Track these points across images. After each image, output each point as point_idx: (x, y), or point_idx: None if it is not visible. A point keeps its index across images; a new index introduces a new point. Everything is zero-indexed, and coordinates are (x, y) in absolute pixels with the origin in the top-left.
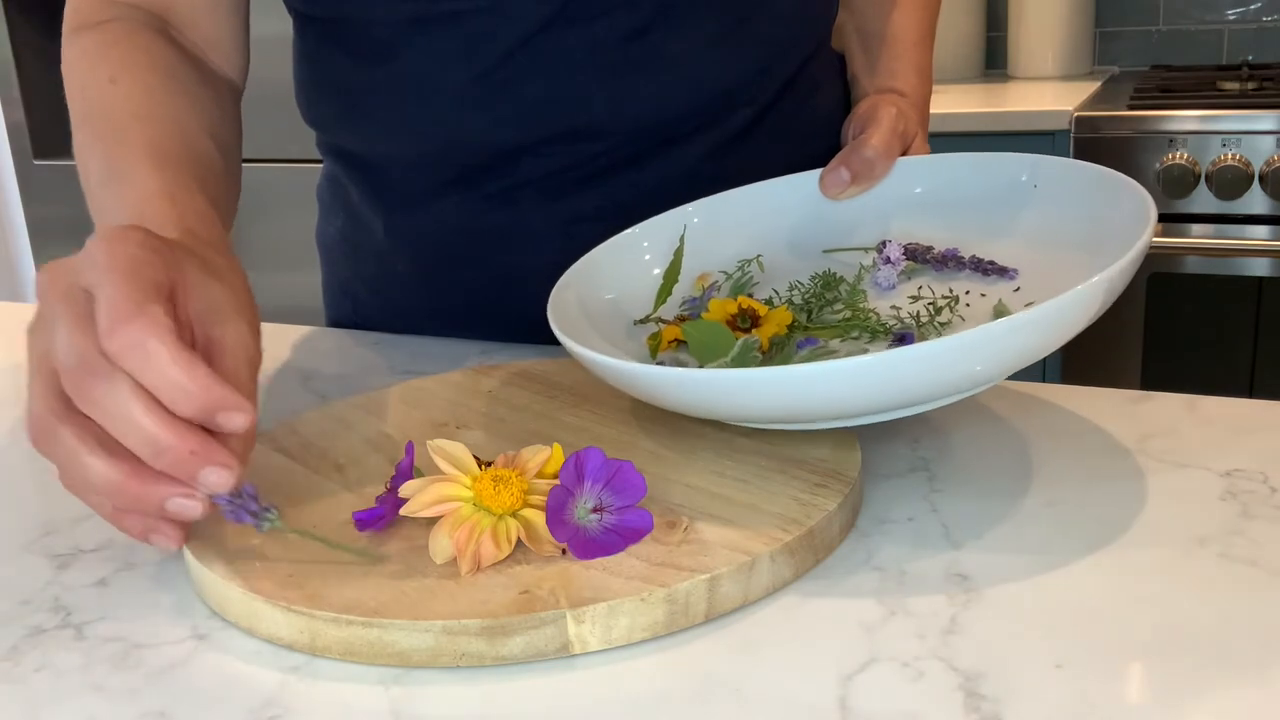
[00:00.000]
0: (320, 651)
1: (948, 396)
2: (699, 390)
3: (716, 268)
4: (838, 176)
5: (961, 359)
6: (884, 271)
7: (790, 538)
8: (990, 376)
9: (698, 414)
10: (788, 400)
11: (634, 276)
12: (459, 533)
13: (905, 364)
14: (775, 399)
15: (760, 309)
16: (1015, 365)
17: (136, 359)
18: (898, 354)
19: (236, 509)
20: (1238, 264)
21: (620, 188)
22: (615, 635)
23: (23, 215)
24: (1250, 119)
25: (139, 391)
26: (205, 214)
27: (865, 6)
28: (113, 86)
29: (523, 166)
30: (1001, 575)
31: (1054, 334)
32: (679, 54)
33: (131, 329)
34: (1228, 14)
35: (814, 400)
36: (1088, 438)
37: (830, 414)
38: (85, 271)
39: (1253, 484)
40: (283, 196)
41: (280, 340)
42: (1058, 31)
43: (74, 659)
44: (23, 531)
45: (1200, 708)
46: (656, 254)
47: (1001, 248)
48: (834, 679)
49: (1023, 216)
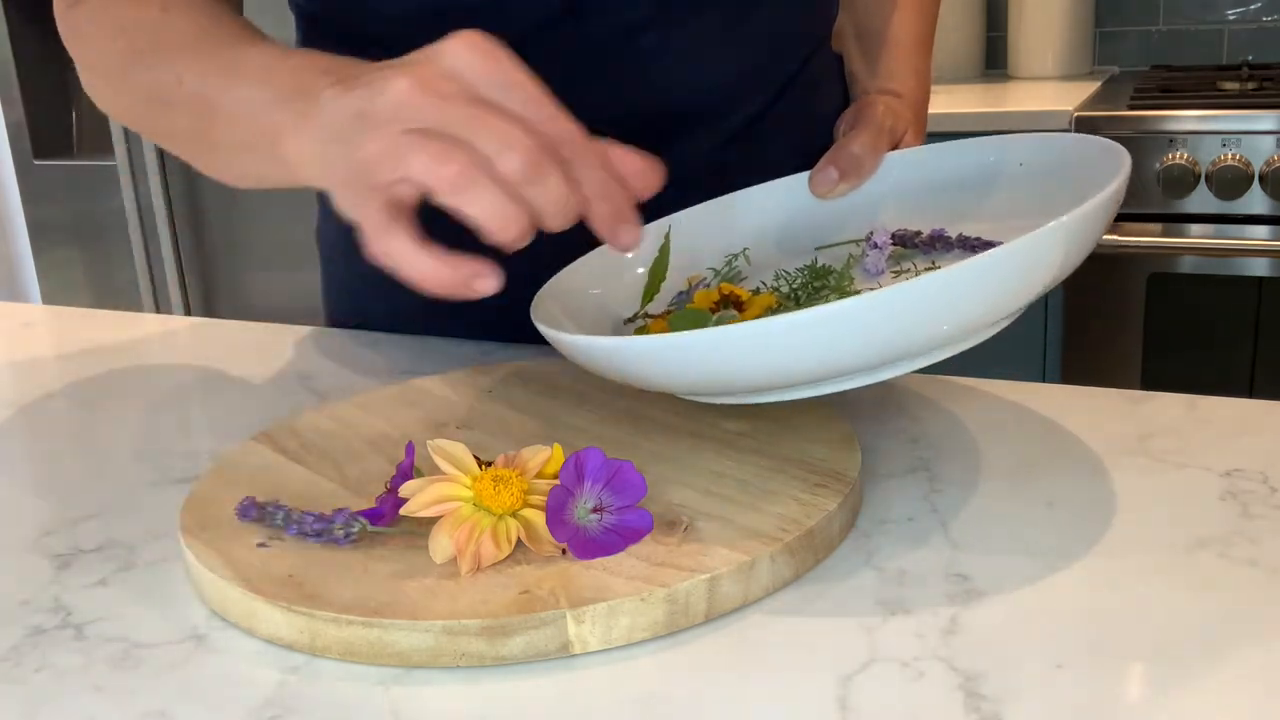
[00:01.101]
0: (320, 651)
1: (929, 351)
2: (667, 355)
3: (705, 270)
4: (826, 175)
5: (929, 301)
6: (871, 257)
7: (790, 538)
8: (961, 327)
9: (672, 384)
10: (755, 360)
11: (620, 278)
12: (459, 533)
13: (882, 306)
14: (744, 357)
15: (743, 294)
16: (985, 314)
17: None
18: (869, 297)
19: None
20: (1237, 264)
21: None
22: (615, 635)
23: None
24: (1250, 119)
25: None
26: None
27: (864, 8)
28: (167, 14)
29: None
30: (1001, 575)
31: (1028, 274)
32: (679, 52)
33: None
34: (1228, 14)
35: (772, 359)
36: (1088, 438)
37: (791, 375)
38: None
39: (1253, 484)
40: (283, 196)
41: (280, 340)
42: (1058, 31)
43: (74, 659)
44: (23, 531)
45: (1200, 708)
46: (643, 258)
47: (990, 228)
48: (834, 679)
49: (1009, 196)
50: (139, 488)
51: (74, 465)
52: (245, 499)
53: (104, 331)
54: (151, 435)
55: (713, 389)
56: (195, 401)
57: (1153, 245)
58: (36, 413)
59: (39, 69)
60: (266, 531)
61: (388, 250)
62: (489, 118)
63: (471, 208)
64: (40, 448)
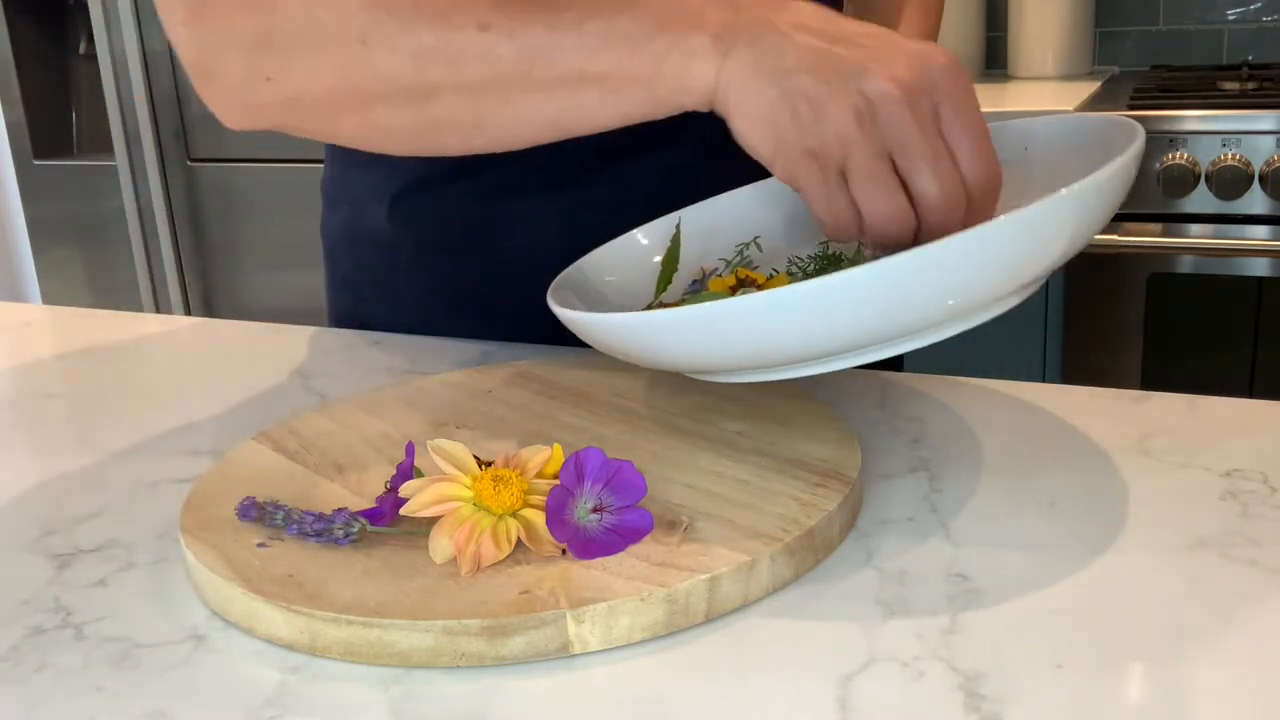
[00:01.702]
0: (320, 651)
1: (943, 324)
2: (687, 326)
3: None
4: None
5: (949, 263)
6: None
7: (790, 538)
8: (971, 299)
9: (690, 362)
10: (780, 330)
11: (635, 268)
12: (459, 533)
13: (899, 271)
14: (772, 325)
15: (759, 278)
16: (1002, 282)
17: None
18: (887, 262)
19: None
20: (1237, 264)
21: (622, 176)
22: (615, 635)
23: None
24: (1250, 119)
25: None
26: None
27: (871, 12)
28: (484, 33)
29: (526, 154)
30: (1001, 575)
31: (1049, 237)
32: None
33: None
34: (1228, 14)
35: (796, 328)
36: (1088, 438)
37: (818, 347)
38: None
39: (1253, 484)
40: (283, 196)
41: (280, 340)
42: (1058, 31)
43: (74, 659)
44: (23, 531)
45: (1200, 708)
46: (656, 246)
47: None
48: (834, 679)
49: (1023, 178)
50: (139, 488)
51: (74, 465)
52: (245, 499)
53: (104, 331)
54: (151, 435)
55: (729, 364)
56: (195, 401)
57: (1153, 245)
58: (36, 413)
59: (39, 69)
60: (266, 531)
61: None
62: (942, 157)
63: (868, 205)
64: (40, 448)
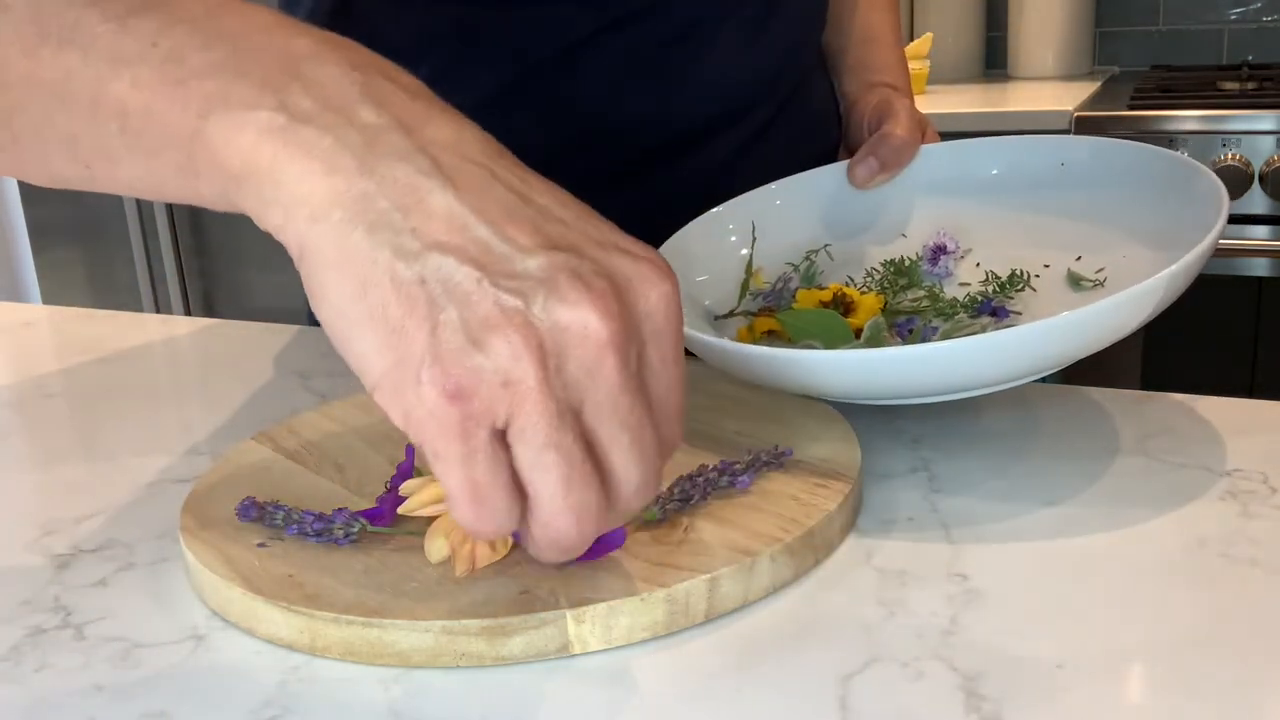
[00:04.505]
0: (320, 651)
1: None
2: (883, 369)
3: (767, 256)
4: (868, 166)
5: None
6: (942, 262)
7: (790, 538)
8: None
9: (846, 393)
10: (958, 371)
11: (722, 258)
12: (455, 533)
13: (1062, 329)
14: (947, 371)
15: (854, 295)
16: (1090, 346)
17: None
18: (1058, 320)
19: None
20: (1238, 264)
21: (649, 187)
22: (615, 635)
23: (23, 215)
24: (1250, 119)
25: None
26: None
27: (840, 8)
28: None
29: (556, 166)
30: (1001, 575)
31: (1168, 294)
32: (708, 60)
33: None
34: (1228, 14)
35: (970, 371)
36: (1088, 438)
37: (969, 383)
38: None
39: (1253, 484)
40: None
41: (280, 340)
42: (1058, 31)
43: (74, 659)
44: (23, 531)
45: (1200, 708)
46: (742, 235)
47: (1043, 221)
48: (834, 679)
49: (1057, 198)
50: (139, 488)
51: (74, 465)
52: (245, 499)
53: (104, 331)
54: (151, 435)
55: (884, 396)
56: (195, 401)
57: None
58: (36, 413)
59: None
60: (266, 531)
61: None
62: (647, 430)
63: (543, 489)
64: (40, 448)
